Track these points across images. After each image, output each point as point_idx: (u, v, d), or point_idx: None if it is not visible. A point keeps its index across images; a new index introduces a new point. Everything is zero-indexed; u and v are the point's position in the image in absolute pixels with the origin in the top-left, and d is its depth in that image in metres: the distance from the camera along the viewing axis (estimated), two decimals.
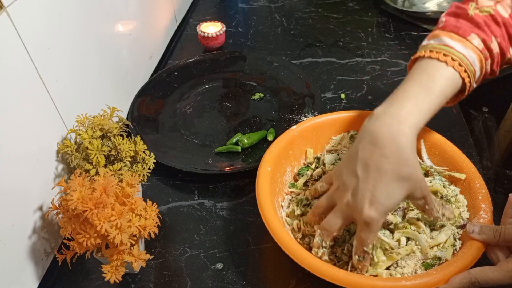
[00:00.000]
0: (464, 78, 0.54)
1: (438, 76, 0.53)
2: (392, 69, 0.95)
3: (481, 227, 0.51)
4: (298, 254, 0.51)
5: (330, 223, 0.53)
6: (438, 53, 0.54)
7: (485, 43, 0.55)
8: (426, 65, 0.54)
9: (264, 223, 0.55)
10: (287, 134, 0.67)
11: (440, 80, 0.53)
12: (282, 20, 1.14)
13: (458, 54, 0.54)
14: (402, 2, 1.16)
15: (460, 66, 0.53)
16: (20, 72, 0.53)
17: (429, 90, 0.52)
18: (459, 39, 0.55)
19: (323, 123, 0.69)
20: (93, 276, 0.60)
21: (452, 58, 0.53)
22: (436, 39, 0.57)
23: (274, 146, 0.65)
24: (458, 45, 0.54)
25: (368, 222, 0.49)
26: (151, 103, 0.86)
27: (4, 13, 0.49)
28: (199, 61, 0.97)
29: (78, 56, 0.66)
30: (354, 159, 0.51)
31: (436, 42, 0.56)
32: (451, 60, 0.53)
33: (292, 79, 0.91)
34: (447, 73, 0.53)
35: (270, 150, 0.64)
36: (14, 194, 0.53)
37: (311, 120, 0.69)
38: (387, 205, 0.49)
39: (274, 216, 0.55)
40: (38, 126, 0.57)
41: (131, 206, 0.53)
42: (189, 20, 1.17)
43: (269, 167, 0.62)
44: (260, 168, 0.61)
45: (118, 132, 0.63)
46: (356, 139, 0.53)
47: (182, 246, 0.63)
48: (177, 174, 0.74)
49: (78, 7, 0.64)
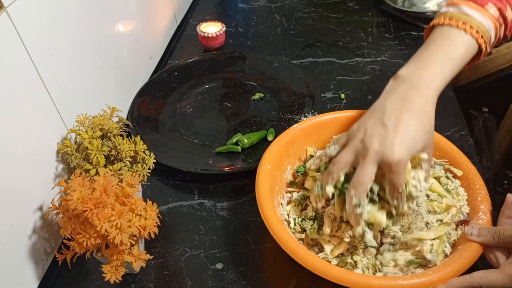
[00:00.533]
0: (481, 44, 0.58)
1: (458, 43, 0.57)
2: (392, 69, 0.95)
3: (479, 229, 0.52)
4: (298, 253, 0.51)
5: (362, 175, 0.51)
6: (457, 21, 0.58)
7: (501, 12, 0.59)
8: (447, 32, 0.58)
9: (264, 220, 0.55)
10: (288, 132, 0.67)
11: (461, 47, 0.57)
12: (282, 20, 1.14)
13: (476, 22, 0.58)
14: (402, 2, 1.16)
15: (477, 33, 0.57)
16: (20, 72, 0.53)
17: (451, 56, 0.57)
18: (477, 7, 0.58)
19: (325, 121, 0.69)
20: (93, 276, 0.60)
21: (471, 26, 0.57)
22: (455, 7, 0.60)
23: (275, 144, 0.65)
24: (476, 14, 0.58)
25: (397, 163, 0.50)
26: (151, 103, 0.86)
27: (4, 13, 0.49)
28: (199, 61, 0.97)
29: (78, 56, 0.66)
30: (380, 113, 0.54)
31: (455, 10, 0.60)
32: (470, 28, 0.57)
33: (292, 79, 0.91)
34: (466, 40, 0.58)
35: (271, 148, 0.64)
36: (14, 194, 0.53)
37: (312, 119, 0.69)
38: (414, 148, 0.52)
39: (274, 214, 0.55)
40: (38, 126, 0.57)
41: (131, 206, 0.53)
42: (189, 20, 1.17)
43: (269, 165, 0.62)
44: (260, 166, 0.62)
45: (118, 132, 0.63)
46: (380, 98, 0.57)
47: (182, 246, 0.63)
48: (177, 174, 0.74)
49: (78, 7, 0.64)
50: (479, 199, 0.57)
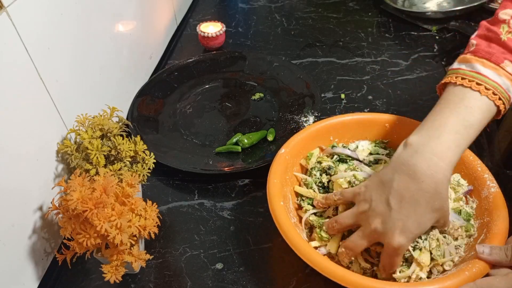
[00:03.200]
0: (499, 105, 0.54)
1: (475, 108, 0.53)
2: (392, 69, 0.95)
3: (491, 248, 0.50)
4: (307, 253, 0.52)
5: (355, 244, 0.53)
6: (471, 82, 0.53)
7: None
8: (461, 93, 0.54)
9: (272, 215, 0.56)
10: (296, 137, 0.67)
11: (477, 112, 0.53)
12: (282, 20, 1.14)
13: (492, 83, 0.53)
14: (402, 2, 1.16)
15: (494, 95, 0.53)
16: (20, 72, 0.53)
17: (467, 124, 0.52)
18: (492, 66, 0.54)
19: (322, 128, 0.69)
20: (93, 276, 0.60)
21: (486, 87, 0.53)
22: (468, 64, 0.55)
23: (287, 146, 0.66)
24: (491, 73, 0.53)
25: (396, 248, 0.50)
26: (151, 103, 0.86)
27: (4, 13, 0.49)
28: (199, 61, 0.96)
29: (78, 56, 0.66)
30: (387, 188, 0.52)
31: (468, 68, 0.55)
32: (485, 89, 0.53)
33: (292, 79, 0.91)
34: (482, 103, 0.53)
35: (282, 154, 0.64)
36: (14, 194, 0.53)
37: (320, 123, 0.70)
38: (416, 233, 0.51)
39: (286, 218, 0.55)
40: (38, 126, 0.57)
41: (131, 206, 0.53)
42: (189, 20, 1.17)
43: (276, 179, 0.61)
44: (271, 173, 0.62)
45: (118, 132, 0.63)
46: (389, 167, 0.53)
47: (182, 246, 0.63)
48: (177, 174, 0.74)
49: (78, 7, 0.64)
50: (479, 169, 0.58)
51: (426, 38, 1.04)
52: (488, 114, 0.54)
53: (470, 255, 0.52)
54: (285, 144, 0.66)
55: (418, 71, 0.93)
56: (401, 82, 0.91)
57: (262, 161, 0.71)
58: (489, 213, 0.56)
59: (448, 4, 1.12)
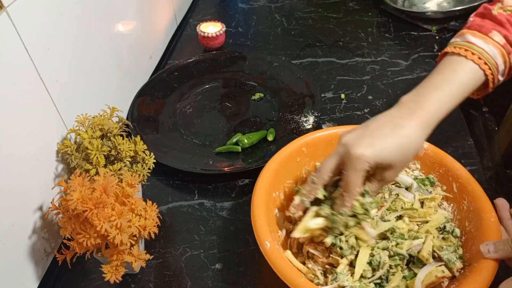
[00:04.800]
0: (485, 70, 0.58)
1: (459, 69, 0.58)
2: (392, 69, 0.95)
3: (495, 244, 0.50)
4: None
5: (325, 164, 0.54)
6: (460, 49, 0.59)
7: (507, 39, 0.59)
8: (449, 59, 0.60)
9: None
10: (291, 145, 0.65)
11: (462, 74, 0.57)
12: (282, 20, 1.14)
13: (478, 48, 0.58)
14: (402, 2, 1.15)
15: (479, 59, 0.58)
16: (20, 72, 0.53)
17: (449, 81, 0.57)
18: (481, 36, 0.60)
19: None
20: (93, 276, 0.60)
21: (472, 52, 0.58)
22: (461, 37, 0.62)
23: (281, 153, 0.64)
24: (479, 41, 0.59)
25: (357, 157, 0.50)
26: (151, 103, 0.86)
27: (4, 13, 0.49)
28: (199, 61, 0.97)
29: (78, 56, 0.66)
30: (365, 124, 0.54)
31: (460, 39, 0.61)
32: (471, 54, 0.58)
33: (292, 79, 0.91)
34: (467, 67, 0.58)
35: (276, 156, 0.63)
36: (14, 194, 0.53)
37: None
38: (378, 156, 0.51)
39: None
40: (38, 126, 0.57)
41: (131, 206, 0.53)
42: (189, 20, 1.17)
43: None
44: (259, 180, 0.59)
45: (118, 132, 0.63)
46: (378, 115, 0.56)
47: (182, 246, 0.63)
48: (177, 174, 0.74)
49: (78, 7, 0.64)
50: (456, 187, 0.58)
51: (426, 38, 1.04)
52: (474, 76, 0.58)
53: None
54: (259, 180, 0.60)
55: (418, 71, 0.93)
56: (401, 82, 0.91)
57: (262, 161, 0.71)
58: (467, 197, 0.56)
59: (448, 4, 1.12)
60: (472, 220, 0.56)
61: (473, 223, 0.55)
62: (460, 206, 0.58)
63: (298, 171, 0.65)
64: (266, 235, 0.52)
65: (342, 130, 0.64)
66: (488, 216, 0.54)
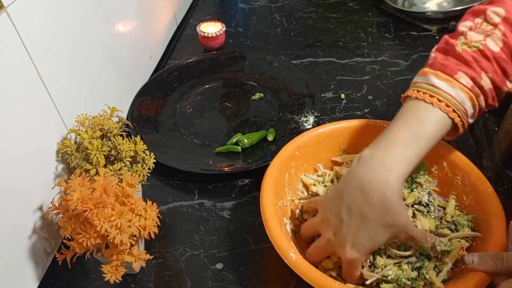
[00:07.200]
0: (454, 118, 0.52)
1: (426, 120, 0.52)
2: (392, 69, 0.95)
3: (480, 256, 0.48)
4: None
5: (315, 252, 0.55)
6: (424, 94, 0.53)
7: (474, 81, 0.53)
8: (414, 106, 0.53)
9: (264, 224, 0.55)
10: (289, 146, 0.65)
11: (429, 125, 0.52)
12: (282, 20, 1.14)
13: (444, 94, 0.52)
14: (402, 2, 1.15)
15: (447, 106, 0.52)
16: (20, 72, 0.53)
17: (417, 136, 0.51)
18: (446, 78, 0.53)
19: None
20: (93, 276, 0.60)
21: (439, 99, 0.52)
22: (424, 77, 0.55)
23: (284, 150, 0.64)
24: (444, 85, 0.53)
25: (350, 261, 0.51)
26: (151, 103, 0.86)
27: (4, 13, 0.49)
28: (199, 61, 0.97)
29: (78, 56, 0.66)
30: (339, 201, 0.52)
31: (423, 80, 0.55)
32: (438, 101, 0.52)
33: (292, 79, 0.91)
34: (434, 115, 0.52)
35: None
36: (14, 194, 0.53)
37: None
38: (369, 247, 0.50)
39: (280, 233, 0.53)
40: (38, 126, 0.57)
41: (131, 206, 0.53)
42: (189, 20, 1.17)
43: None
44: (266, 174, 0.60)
45: (118, 132, 0.63)
46: (342, 180, 0.54)
47: (182, 246, 0.63)
48: (177, 174, 0.74)
49: (78, 7, 0.64)
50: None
51: (426, 38, 1.04)
52: (442, 126, 0.53)
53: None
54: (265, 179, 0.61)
55: (418, 71, 0.93)
56: (401, 82, 0.91)
57: (262, 161, 0.71)
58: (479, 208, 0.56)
59: (448, 4, 1.12)
60: (469, 194, 0.56)
61: (471, 196, 0.56)
62: (454, 182, 0.59)
63: (295, 178, 0.66)
64: (288, 247, 0.51)
65: (330, 128, 0.67)
66: (486, 187, 0.55)
